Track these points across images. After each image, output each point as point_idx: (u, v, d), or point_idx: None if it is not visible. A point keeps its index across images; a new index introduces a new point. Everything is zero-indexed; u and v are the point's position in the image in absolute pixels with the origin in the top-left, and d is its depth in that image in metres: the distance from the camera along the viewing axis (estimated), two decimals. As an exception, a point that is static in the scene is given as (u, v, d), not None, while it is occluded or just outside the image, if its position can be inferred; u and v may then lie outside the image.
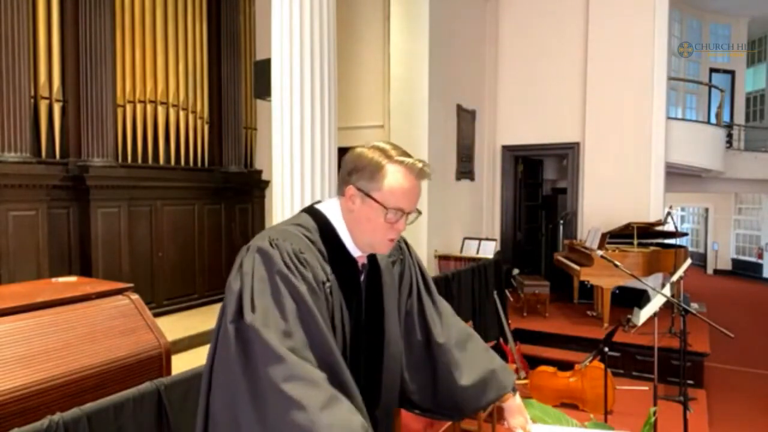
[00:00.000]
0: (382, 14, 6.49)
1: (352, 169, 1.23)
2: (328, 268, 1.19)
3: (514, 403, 1.44)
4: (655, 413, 1.99)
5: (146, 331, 2.55)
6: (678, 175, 8.29)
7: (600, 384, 3.89)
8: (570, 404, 4.47)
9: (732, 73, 11.52)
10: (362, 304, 1.26)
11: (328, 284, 1.17)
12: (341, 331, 1.18)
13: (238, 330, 1.08)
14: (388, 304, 1.31)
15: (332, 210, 1.27)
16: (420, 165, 1.21)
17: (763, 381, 5.46)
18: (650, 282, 5.76)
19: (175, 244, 6.07)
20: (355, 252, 1.26)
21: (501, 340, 5.32)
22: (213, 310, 6.19)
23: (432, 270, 6.15)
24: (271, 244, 1.14)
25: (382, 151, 1.22)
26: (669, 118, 7.40)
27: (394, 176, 1.19)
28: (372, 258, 1.31)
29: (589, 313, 6.43)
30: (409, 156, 1.23)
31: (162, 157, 5.94)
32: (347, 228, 1.25)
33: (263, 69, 5.07)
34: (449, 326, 1.45)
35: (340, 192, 1.26)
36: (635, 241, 6.12)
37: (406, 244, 1.48)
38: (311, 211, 1.29)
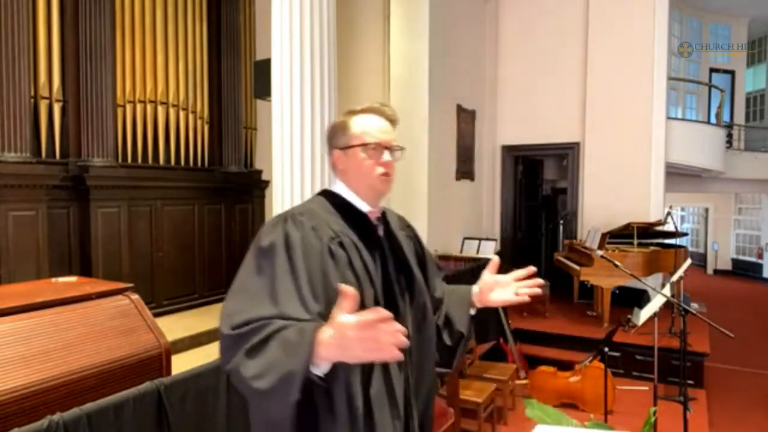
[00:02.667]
0: (382, 14, 6.49)
1: (329, 138, 1.41)
2: (338, 225, 1.30)
3: (475, 292, 1.50)
4: (655, 413, 1.99)
5: (146, 331, 2.55)
6: (678, 175, 8.29)
7: (600, 384, 3.89)
8: (570, 404, 4.47)
9: (732, 73, 11.52)
10: (386, 255, 1.36)
11: (337, 239, 1.26)
12: (364, 271, 1.27)
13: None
14: (410, 256, 1.43)
15: (334, 184, 1.43)
16: (377, 104, 1.40)
17: (763, 381, 5.46)
18: (650, 282, 5.76)
19: (175, 244, 6.06)
20: (364, 208, 1.38)
21: (501, 340, 5.33)
22: (213, 310, 6.19)
23: (432, 270, 6.14)
24: (274, 217, 1.31)
25: (346, 112, 1.41)
26: (669, 118, 7.40)
27: (358, 120, 1.36)
28: (385, 220, 1.44)
29: (589, 313, 6.43)
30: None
31: (162, 157, 5.94)
32: (347, 186, 1.38)
33: (263, 69, 5.07)
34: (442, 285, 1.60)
35: (332, 165, 1.42)
36: (635, 241, 6.12)
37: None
38: (319, 192, 1.46)
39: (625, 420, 4.07)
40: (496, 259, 1.49)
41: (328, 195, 1.41)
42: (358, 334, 0.98)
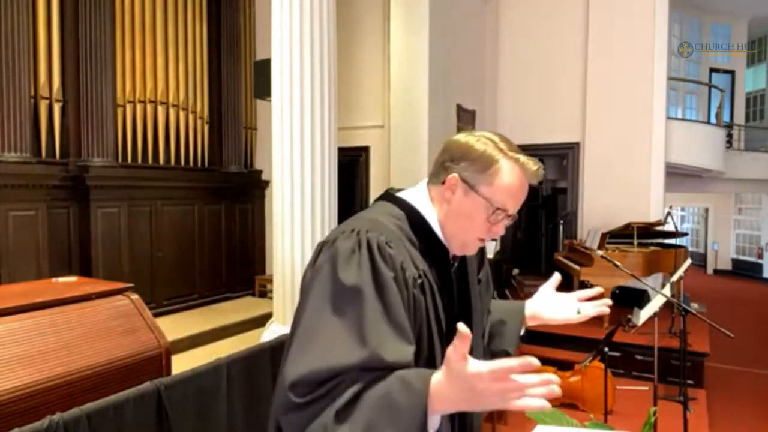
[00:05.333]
0: (382, 14, 6.49)
1: (459, 156, 1.10)
2: (419, 261, 1.07)
3: (530, 307, 1.37)
4: (655, 413, 1.99)
5: (146, 331, 2.54)
6: (678, 175, 8.29)
7: (600, 384, 3.89)
8: (570, 404, 4.47)
9: (732, 73, 11.52)
10: (454, 294, 1.17)
11: (420, 280, 1.05)
12: (436, 322, 1.08)
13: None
14: (473, 292, 1.25)
15: (419, 198, 1.15)
16: (536, 166, 1.10)
17: (763, 381, 5.46)
18: (650, 282, 5.76)
19: (175, 245, 6.07)
20: (446, 242, 1.16)
21: (501, 340, 5.32)
22: (213, 310, 6.20)
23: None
24: (348, 237, 1.02)
25: (495, 143, 1.10)
26: (669, 118, 7.40)
27: (508, 173, 1.07)
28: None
29: (589, 313, 6.42)
30: (523, 153, 1.11)
31: (162, 157, 5.94)
32: (438, 220, 1.13)
33: (263, 69, 5.07)
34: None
35: (437, 179, 1.13)
36: (635, 241, 6.12)
37: None
38: (393, 199, 1.17)
39: (625, 420, 4.06)
40: (557, 276, 1.35)
41: (409, 213, 1.13)
42: (494, 386, 0.80)
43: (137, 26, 5.65)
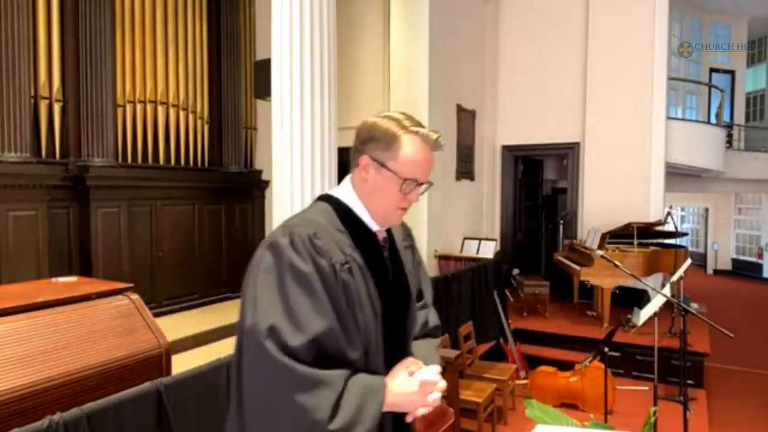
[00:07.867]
0: (382, 14, 6.49)
1: (366, 138, 1.22)
2: (348, 248, 1.19)
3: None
4: (655, 413, 1.99)
5: (146, 331, 2.54)
6: (678, 175, 8.29)
7: (600, 384, 3.89)
8: (570, 404, 4.47)
9: (732, 73, 11.52)
10: (389, 277, 1.27)
11: (347, 265, 1.16)
12: (370, 306, 1.18)
13: (243, 336, 1.14)
14: (409, 276, 1.35)
15: (345, 190, 1.28)
16: (435, 136, 1.22)
17: (763, 381, 5.46)
18: (650, 282, 5.76)
19: (175, 245, 6.06)
20: (374, 226, 1.27)
21: (501, 340, 5.33)
22: (213, 310, 6.19)
23: (432, 270, 6.15)
24: (285, 234, 1.15)
25: (397, 120, 1.22)
26: (669, 118, 7.40)
27: (409, 146, 1.20)
28: (390, 238, 1.34)
29: (589, 313, 6.43)
30: (423, 126, 1.23)
31: (162, 157, 5.94)
32: (361, 200, 1.25)
33: (263, 69, 5.07)
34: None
35: (354, 163, 1.26)
36: (635, 241, 6.12)
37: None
38: (324, 197, 1.31)
39: (625, 420, 4.07)
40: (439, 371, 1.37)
41: (336, 205, 1.26)
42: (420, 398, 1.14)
43: (137, 26, 5.65)
